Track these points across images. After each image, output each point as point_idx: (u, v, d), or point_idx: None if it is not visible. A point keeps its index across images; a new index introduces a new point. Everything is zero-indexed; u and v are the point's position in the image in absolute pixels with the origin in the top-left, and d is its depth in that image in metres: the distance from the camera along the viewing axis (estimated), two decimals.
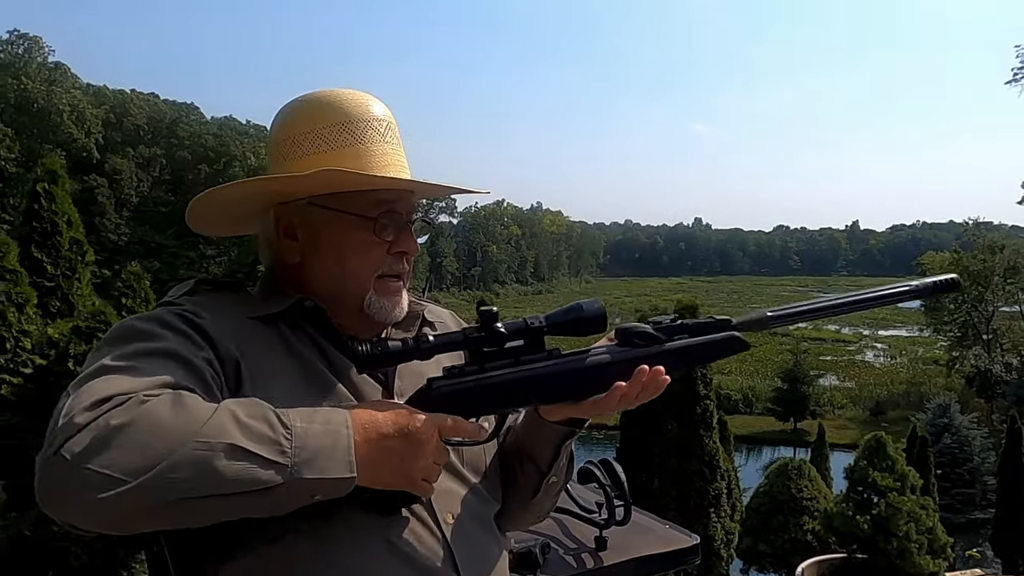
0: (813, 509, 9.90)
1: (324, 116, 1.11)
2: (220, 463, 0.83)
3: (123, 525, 0.84)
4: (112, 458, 0.80)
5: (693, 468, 9.60)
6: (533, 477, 1.22)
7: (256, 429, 0.85)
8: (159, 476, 0.81)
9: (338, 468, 0.88)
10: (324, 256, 1.11)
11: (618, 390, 1.06)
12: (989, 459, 18.36)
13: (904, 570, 6.79)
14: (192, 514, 0.84)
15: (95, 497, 0.79)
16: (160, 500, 0.81)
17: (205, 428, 0.84)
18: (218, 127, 60.33)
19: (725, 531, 9.79)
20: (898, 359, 48.44)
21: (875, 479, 7.02)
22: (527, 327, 1.06)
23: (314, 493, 0.88)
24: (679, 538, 2.30)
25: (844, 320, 67.51)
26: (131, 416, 0.83)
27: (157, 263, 48.53)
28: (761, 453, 31.25)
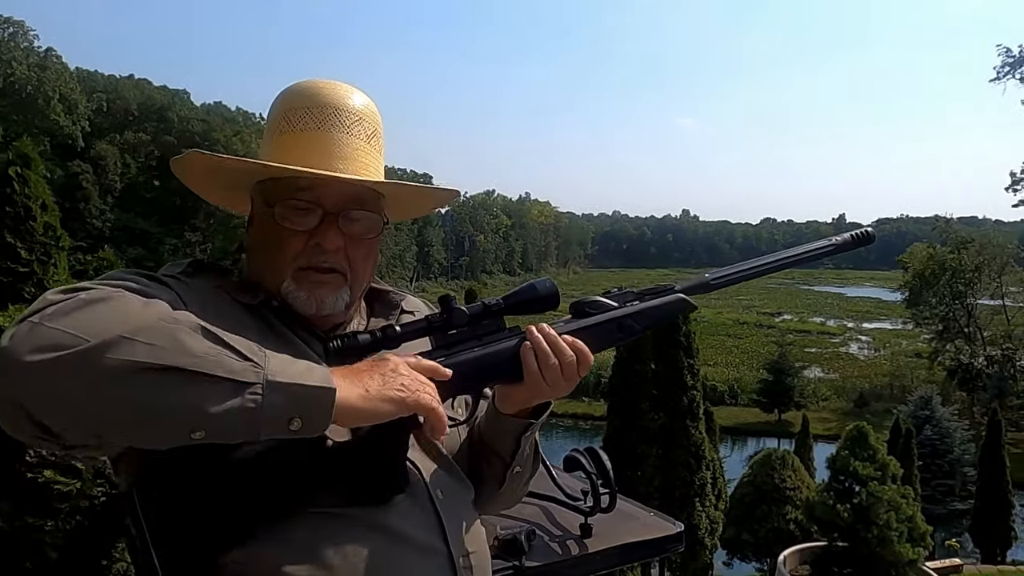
0: (796, 499, 10.00)
1: (282, 104, 1.11)
2: (190, 338, 0.77)
3: (66, 400, 0.73)
4: (78, 320, 0.74)
5: (679, 458, 9.67)
6: (498, 469, 1.22)
7: (231, 334, 0.81)
8: (121, 338, 0.74)
9: (315, 377, 0.82)
10: (253, 245, 1.12)
11: (528, 354, 1.06)
12: (969, 451, 18.61)
13: (884, 558, 6.88)
14: (145, 397, 0.74)
15: (44, 356, 0.72)
16: (114, 365, 0.72)
17: (177, 315, 0.80)
18: (206, 113, 59.81)
19: (710, 520, 9.89)
20: (881, 352, 48.89)
21: (856, 468, 7.11)
22: (486, 308, 1.09)
23: (291, 412, 0.79)
24: (663, 525, 2.31)
25: (830, 312, 68.05)
26: (105, 294, 0.80)
27: (141, 249, 48.14)
28: (746, 444, 31.51)
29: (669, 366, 10.19)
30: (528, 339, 1.07)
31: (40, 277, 8.03)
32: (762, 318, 61.17)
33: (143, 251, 48.66)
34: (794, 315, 65.03)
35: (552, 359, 1.06)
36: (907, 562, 6.96)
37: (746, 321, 58.24)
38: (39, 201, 8.40)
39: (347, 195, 1.09)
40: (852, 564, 7.10)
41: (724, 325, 57.37)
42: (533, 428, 1.19)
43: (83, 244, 34.07)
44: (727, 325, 57.47)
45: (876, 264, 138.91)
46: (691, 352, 10.26)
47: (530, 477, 1.29)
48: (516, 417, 1.16)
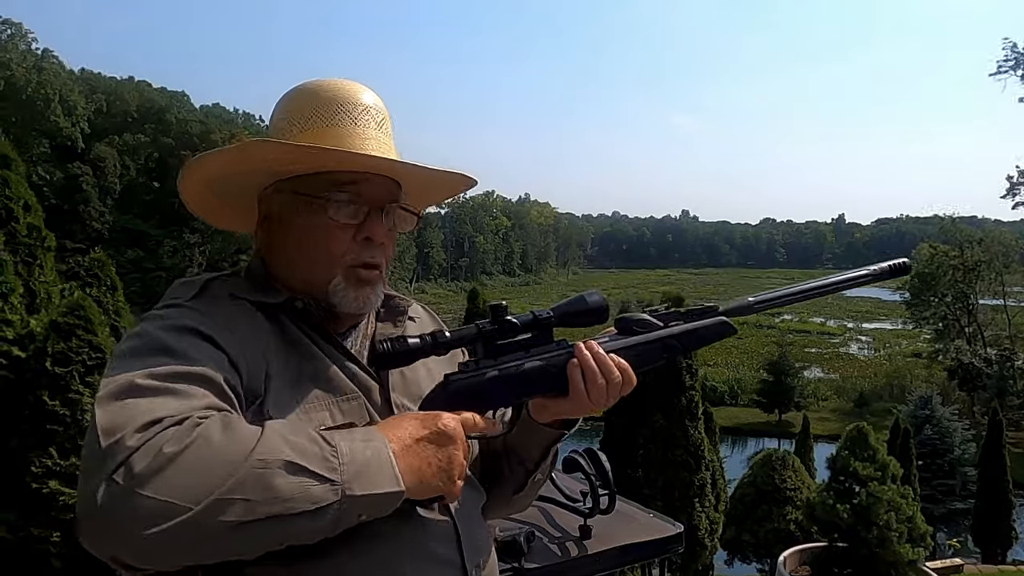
0: (797, 499, 9.99)
1: (308, 100, 1.08)
2: (278, 480, 0.80)
3: (172, 559, 0.79)
4: (171, 484, 0.76)
5: (678, 458, 9.66)
6: (519, 475, 1.23)
7: (305, 447, 0.82)
8: (220, 500, 0.77)
9: (386, 482, 0.86)
10: (284, 242, 1.07)
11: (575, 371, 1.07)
12: (969, 450, 18.60)
13: (884, 559, 6.87)
14: (244, 542, 0.80)
15: (153, 529, 0.75)
16: (218, 528, 0.77)
17: (259, 447, 0.81)
18: (205, 115, 59.83)
19: (709, 521, 9.87)
20: (881, 352, 48.89)
21: (856, 469, 7.10)
22: (536, 319, 1.09)
23: (362, 512, 0.85)
24: (663, 526, 2.31)
25: (830, 313, 68.11)
26: (187, 440, 0.79)
27: (140, 251, 48.11)
28: (746, 444, 31.49)
29: (667, 366, 10.19)
30: (576, 356, 1.08)
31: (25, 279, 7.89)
32: (762, 318, 61.12)
33: (142, 253, 48.59)
34: (794, 315, 65.02)
35: (599, 379, 1.07)
36: (907, 562, 6.95)
37: (746, 321, 58.16)
38: (21, 202, 8.14)
39: (387, 190, 1.09)
40: (852, 564, 7.09)
41: None
42: (562, 439, 1.21)
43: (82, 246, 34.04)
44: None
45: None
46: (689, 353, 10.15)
47: (543, 483, 1.30)
48: (549, 427, 1.17)
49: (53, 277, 8.26)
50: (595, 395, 1.08)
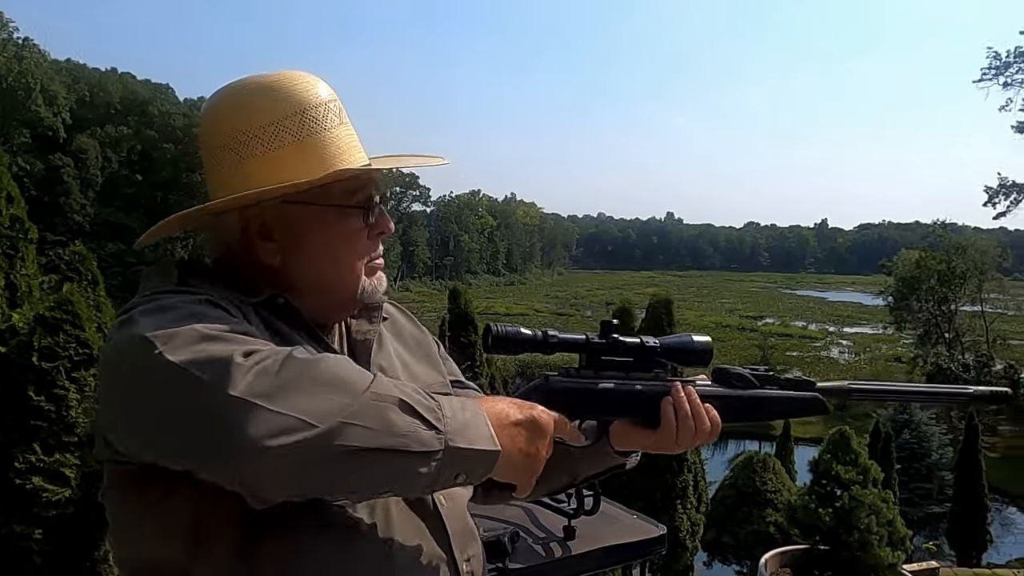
0: (777, 502, 10.07)
1: (278, 106, 1.03)
2: (393, 415, 0.81)
3: (291, 481, 0.79)
4: (296, 402, 0.77)
5: (661, 461, 9.70)
6: (563, 484, 1.29)
7: (412, 394, 0.85)
8: (344, 423, 0.78)
9: (484, 441, 0.88)
10: (311, 254, 1.05)
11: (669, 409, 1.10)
12: (947, 455, 18.81)
13: (864, 562, 6.95)
14: (356, 472, 0.80)
15: (279, 441, 0.75)
16: (338, 452, 0.77)
17: (374, 383, 0.83)
18: (189, 108, 59.25)
19: (691, 523, 9.92)
20: (862, 356, 49.31)
21: (838, 472, 7.17)
22: (643, 345, 1.11)
23: (459, 470, 0.87)
24: (646, 528, 2.33)
25: (811, 316, 68.62)
26: (300, 365, 0.81)
27: (121, 245, 47.55)
28: (727, 446, 31.62)
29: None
30: (672, 395, 1.11)
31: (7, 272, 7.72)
32: (744, 321, 61.60)
33: (123, 246, 48.02)
34: (776, 319, 65.46)
35: (691, 422, 1.10)
36: (887, 566, 7.04)
37: (728, 324, 58.56)
38: (4, 193, 7.95)
39: (379, 182, 1.11)
40: (832, 567, 7.17)
41: (707, 328, 57.42)
42: (630, 466, 1.26)
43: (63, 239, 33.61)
44: (710, 328, 57.73)
45: (858, 269, 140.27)
46: None
47: None
48: (619, 454, 1.21)
49: (34, 270, 8.12)
50: (683, 437, 1.10)
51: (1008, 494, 23.07)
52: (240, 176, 1.02)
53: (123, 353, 0.87)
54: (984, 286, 35.42)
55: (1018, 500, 23.74)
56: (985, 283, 35.11)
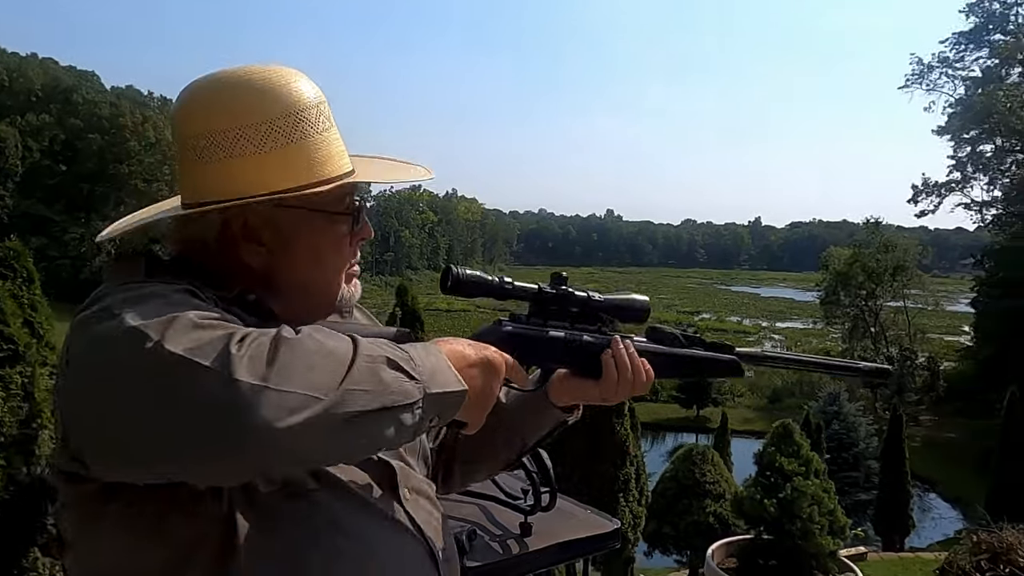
0: (716, 493, 10.35)
1: (270, 106, 0.99)
2: (385, 374, 0.83)
3: (306, 455, 0.80)
4: (299, 378, 0.77)
5: (603, 454, 9.86)
6: (516, 449, 1.32)
7: (391, 348, 0.87)
8: (348, 391, 0.79)
9: (453, 383, 0.91)
10: (299, 258, 1.04)
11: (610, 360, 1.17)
12: (872, 444, 19.59)
13: (806, 550, 7.22)
14: (360, 436, 0.81)
15: (291, 420, 0.74)
16: (344, 418, 0.78)
17: (361, 345, 0.84)
18: (116, 96, 56.99)
19: (633, 515, 10.10)
20: (794, 350, 50.94)
21: (782, 464, 7.43)
22: (589, 299, 1.18)
23: (435, 414, 0.89)
24: (600, 523, 2.35)
25: (745, 312, 70.58)
26: (291, 342, 0.80)
27: (44, 239, 45.38)
28: (665, 439, 32.30)
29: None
30: (613, 349, 1.17)
31: None
32: (682, 316, 62.87)
33: (46, 240, 45.80)
34: (712, 314, 67.09)
35: (629, 374, 1.17)
36: (828, 553, 7.34)
37: (667, 319, 59.51)
38: None
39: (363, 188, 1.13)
40: (776, 556, 7.42)
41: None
42: (570, 422, 1.30)
43: None
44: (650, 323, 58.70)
45: (789, 266, 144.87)
46: None
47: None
48: (561, 410, 1.26)
49: None
50: (622, 387, 1.18)
51: (928, 481, 24.20)
52: (226, 175, 0.98)
53: (108, 347, 0.80)
54: (908, 283, 36.99)
55: (937, 486, 24.95)
56: (908, 280, 36.67)
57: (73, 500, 0.90)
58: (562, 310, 1.16)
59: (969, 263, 41.47)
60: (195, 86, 1.02)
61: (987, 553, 9.93)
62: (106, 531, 0.88)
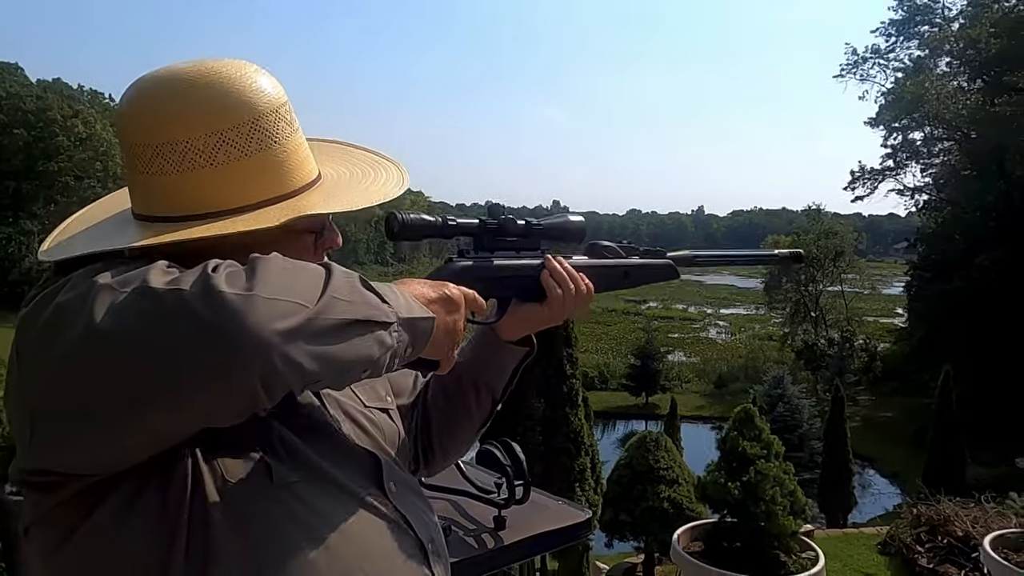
0: (670, 478, 10.55)
1: (220, 115, 0.91)
2: (361, 288, 0.83)
3: (304, 363, 0.75)
4: (287, 286, 0.76)
5: (559, 445, 9.95)
6: (487, 405, 1.30)
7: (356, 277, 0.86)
8: (333, 298, 0.78)
9: (420, 310, 0.91)
10: None
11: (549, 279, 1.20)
12: (815, 425, 20.22)
13: (770, 531, 7.42)
14: (346, 350, 0.79)
15: (284, 324, 0.73)
16: (332, 324, 0.77)
17: (334, 266, 0.83)
18: (43, 90, 54.54)
19: (589, 504, 10.22)
20: (737, 336, 52.16)
21: (745, 448, 7.61)
22: (529, 225, 1.22)
23: (410, 343, 0.88)
24: (573, 513, 2.36)
25: (690, 299, 71.89)
26: (267, 257, 0.79)
27: None
28: (615, 427, 32.72)
29: (550, 355, 10.42)
30: (548, 266, 1.20)
31: None
32: (629, 306, 63.71)
33: None
34: (659, 302, 68.06)
35: (570, 285, 1.20)
36: (790, 533, 7.56)
37: (615, 308, 60.42)
38: None
39: None
40: (740, 538, 7.59)
41: (594, 313, 59.11)
42: (530, 357, 1.30)
43: None
44: (596, 313, 59.35)
45: None
46: (570, 342, 10.54)
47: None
48: (517, 344, 1.26)
49: None
50: (567, 303, 1.20)
51: (867, 458, 25.12)
52: (178, 188, 0.92)
53: (78, 308, 0.75)
54: (846, 268, 38.22)
55: (876, 463, 25.92)
56: (846, 265, 37.89)
57: (46, 515, 0.84)
58: (505, 240, 1.19)
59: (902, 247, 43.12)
60: (141, 90, 0.93)
61: (926, 526, 10.42)
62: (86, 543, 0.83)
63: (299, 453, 0.93)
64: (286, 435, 0.93)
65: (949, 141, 33.20)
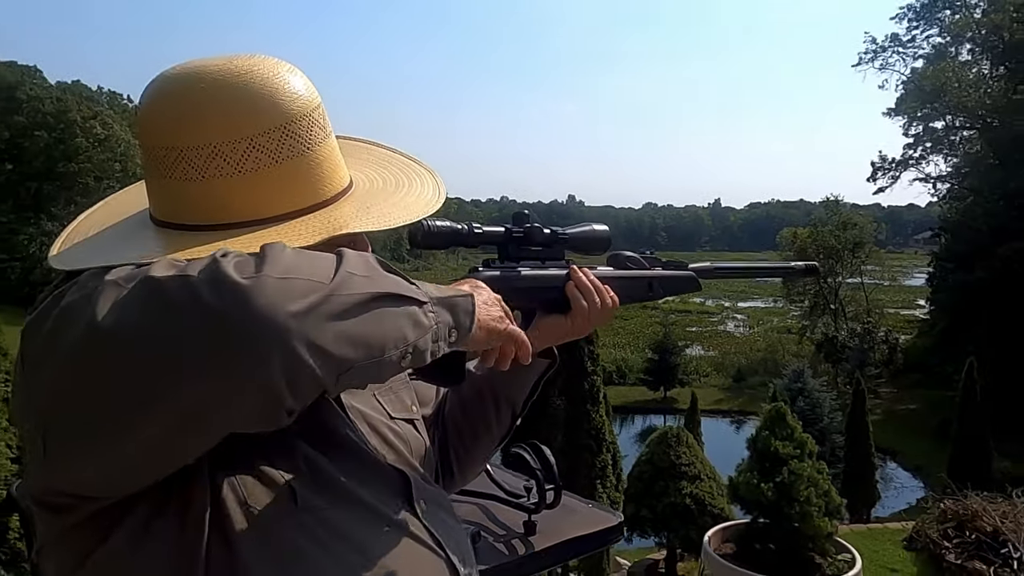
0: (691, 474, 10.46)
1: (249, 119, 0.85)
2: (377, 265, 0.78)
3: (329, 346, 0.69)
4: (299, 265, 0.71)
5: (581, 442, 9.89)
6: (506, 420, 1.25)
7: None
8: (347, 273, 0.73)
9: (452, 290, 0.86)
10: None
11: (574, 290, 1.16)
12: (836, 419, 20.00)
13: (805, 533, 7.30)
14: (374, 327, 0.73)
15: (302, 303, 0.67)
16: (352, 300, 0.71)
17: (346, 251, 0.77)
18: (62, 92, 55.07)
19: (611, 501, 10.17)
20: (756, 329, 51.80)
21: (777, 448, 7.48)
22: (555, 234, 1.17)
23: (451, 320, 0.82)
24: (604, 517, 2.29)
25: (708, 293, 71.41)
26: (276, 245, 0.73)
27: None
28: (634, 422, 32.64)
29: (571, 352, 10.37)
30: (573, 277, 1.17)
31: None
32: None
33: None
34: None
35: (596, 297, 1.16)
36: (826, 535, 7.43)
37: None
38: None
39: None
40: (774, 539, 7.47)
41: None
42: (552, 369, 1.26)
43: None
44: None
45: (748, 246, 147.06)
46: (591, 338, 10.47)
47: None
48: (539, 356, 1.19)
49: None
50: (592, 316, 1.16)
51: (889, 451, 24.86)
52: (213, 194, 0.86)
53: (82, 307, 0.70)
54: (865, 259, 37.78)
55: (898, 456, 25.65)
56: (866, 256, 37.45)
57: (60, 537, 0.80)
58: (531, 249, 1.15)
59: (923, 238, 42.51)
60: (164, 88, 0.87)
61: (953, 521, 10.27)
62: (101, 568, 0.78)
63: (324, 473, 0.88)
64: (310, 453, 0.88)
65: (971, 130, 32.70)
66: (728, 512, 9.30)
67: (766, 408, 8.01)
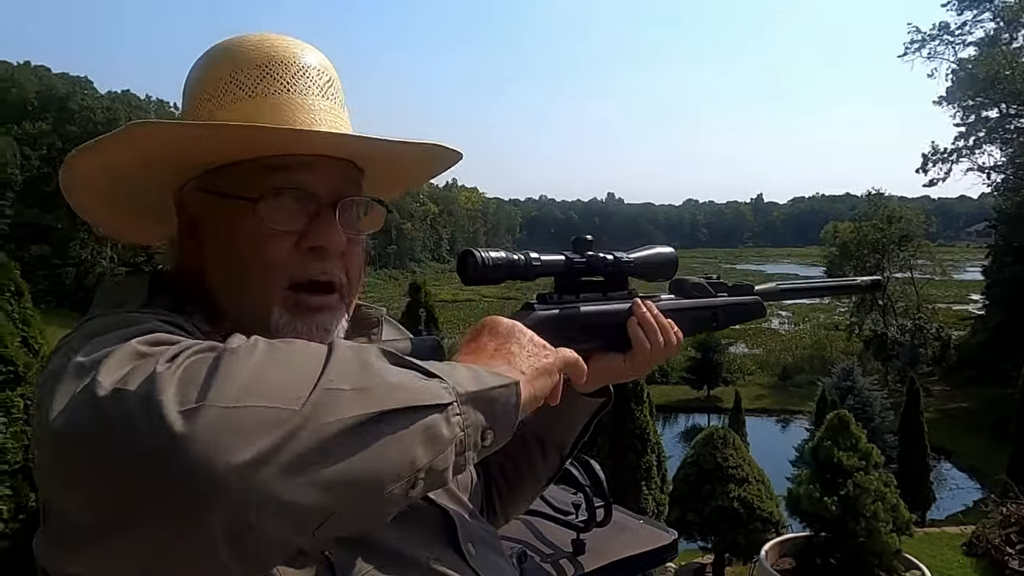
0: (739, 477, 10.21)
1: (223, 65, 0.84)
2: (379, 363, 0.60)
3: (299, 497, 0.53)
4: (261, 384, 0.54)
5: (625, 442, 9.74)
6: (554, 462, 1.17)
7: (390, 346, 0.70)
8: (329, 390, 0.55)
9: (493, 378, 0.68)
10: (218, 259, 0.81)
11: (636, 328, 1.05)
12: (888, 418, 19.45)
13: (871, 549, 6.96)
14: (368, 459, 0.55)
15: (268, 442, 0.51)
16: (334, 428, 0.54)
17: (336, 343, 0.61)
18: (111, 101, 56.69)
19: (656, 503, 9.99)
20: (801, 326, 50.75)
21: (841, 459, 7.12)
22: (619, 261, 1.06)
23: (486, 421, 0.65)
24: (658, 535, 2.19)
25: None
26: (241, 350, 0.57)
27: (46, 247, 45.48)
28: (677, 421, 32.24)
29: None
30: (636, 314, 1.05)
31: None
32: None
33: (48, 248, 45.98)
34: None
35: (660, 337, 1.04)
36: (894, 552, 7.08)
37: None
38: None
39: (343, 178, 0.84)
40: (836, 555, 7.15)
41: None
42: (606, 409, 1.16)
43: None
44: None
45: (792, 241, 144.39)
46: None
47: None
48: (591, 396, 1.12)
49: None
50: (654, 355, 1.04)
51: (943, 451, 24.09)
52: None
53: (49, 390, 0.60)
54: (915, 253, 36.70)
55: (952, 456, 24.84)
56: (915, 250, 36.38)
57: None
58: (591, 279, 1.04)
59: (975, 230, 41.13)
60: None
61: (1016, 526, 9.84)
62: None
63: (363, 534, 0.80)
64: None
65: None
66: (778, 516, 9.00)
67: (828, 417, 7.63)
